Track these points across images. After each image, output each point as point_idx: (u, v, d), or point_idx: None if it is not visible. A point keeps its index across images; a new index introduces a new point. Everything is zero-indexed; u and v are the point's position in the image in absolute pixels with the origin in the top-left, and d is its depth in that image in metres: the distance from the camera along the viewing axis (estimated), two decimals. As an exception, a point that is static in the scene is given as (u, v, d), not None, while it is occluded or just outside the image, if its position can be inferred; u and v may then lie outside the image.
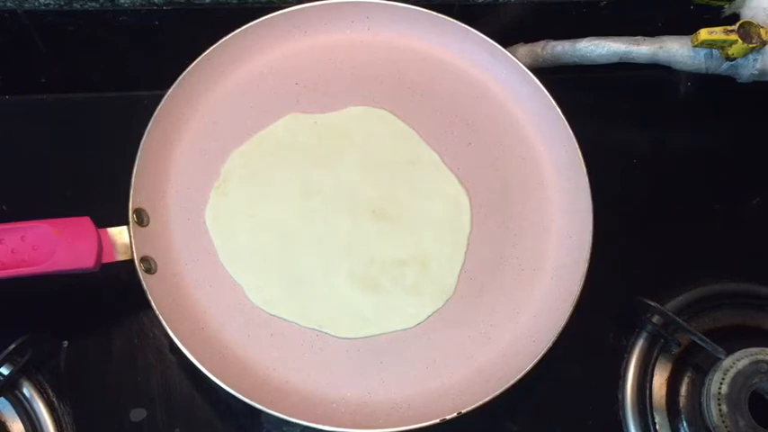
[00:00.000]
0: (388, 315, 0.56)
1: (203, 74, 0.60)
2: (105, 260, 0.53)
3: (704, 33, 0.62)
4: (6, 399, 0.54)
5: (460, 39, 0.64)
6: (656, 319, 0.60)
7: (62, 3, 0.65)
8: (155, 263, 0.55)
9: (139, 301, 0.52)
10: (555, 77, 0.63)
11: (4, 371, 0.54)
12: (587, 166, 0.59)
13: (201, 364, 0.51)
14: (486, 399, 0.52)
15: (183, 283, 0.56)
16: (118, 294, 0.57)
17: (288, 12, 0.62)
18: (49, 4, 0.65)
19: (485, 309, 0.58)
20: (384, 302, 0.57)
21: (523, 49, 0.67)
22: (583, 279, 0.56)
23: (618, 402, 0.60)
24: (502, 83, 0.64)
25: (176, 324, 0.53)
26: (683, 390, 0.59)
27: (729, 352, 0.57)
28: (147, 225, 0.56)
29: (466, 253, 0.59)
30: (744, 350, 0.56)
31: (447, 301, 0.57)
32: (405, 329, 0.56)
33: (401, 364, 0.55)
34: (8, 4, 0.64)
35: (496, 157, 0.62)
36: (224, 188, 0.59)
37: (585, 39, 0.65)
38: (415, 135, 0.62)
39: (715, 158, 0.69)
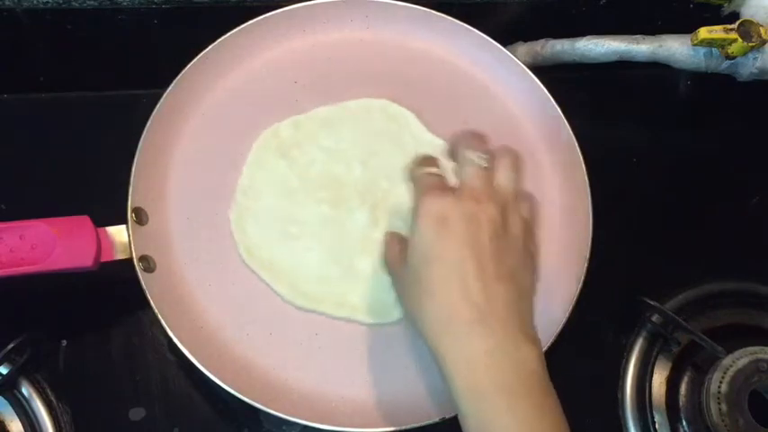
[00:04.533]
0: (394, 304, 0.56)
1: (202, 72, 0.60)
2: (104, 259, 0.53)
3: (704, 32, 0.62)
4: (5, 398, 0.54)
5: (460, 38, 0.64)
6: (655, 318, 0.60)
7: (60, 1, 0.65)
8: (154, 262, 0.55)
9: (138, 300, 0.52)
10: (555, 76, 0.63)
11: (3, 370, 0.54)
12: (587, 165, 0.59)
13: (200, 363, 0.51)
14: (486, 398, 0.52)
15: (182, 283, 0.56)
16: (117, 293, 0.57)
17: (287, 10, 0.62)
18: (48, 2, 0.65)
19: (484, 308, 0.58)
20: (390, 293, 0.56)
21: (523, 47, 0.67)
22: (582, 278, 0.56)
23: (618, 402, 0.60)
24: (502, 82, 0.64)
25: (175, 323, 0.53)
26: (683, 389, 0.60)
27: (729, 351, 0.57)
28: (146, 224, 0.56)
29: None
30: (743, 349, 0.56)
31: None
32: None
33: (400, 364, 0.55)
34: (6, 2, 0.64)
35: (496, 157, 0.62)
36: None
37: (585, 37, 0.65)
38: (414, 120, 0.61)
39: (715, 157, 0.69)
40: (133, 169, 0.55)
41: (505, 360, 0.43)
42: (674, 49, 0.64)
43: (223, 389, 0.51)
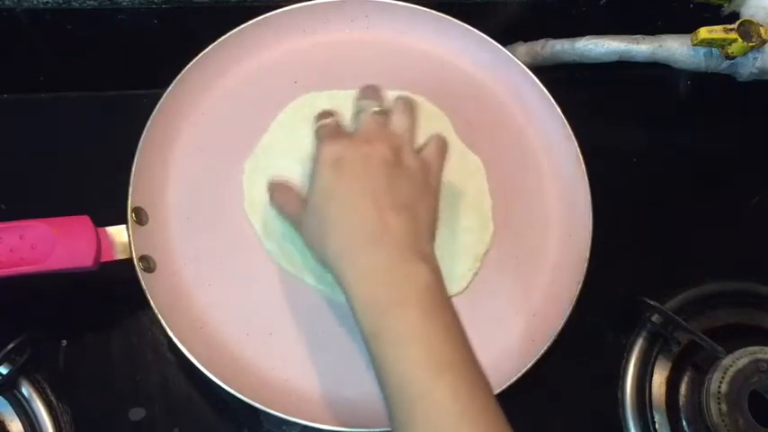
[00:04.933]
0: None
1: (202, 72, 0.60)
2: (104, 259, 0.53)
3: (704, 32, 0.62)
4: (5, 398, 0.54)
5: (460, 38, 0.64)
6: (655, 318, 0.60)
7: (60, 1, 0.65)
8: (154, 262, 0.55)
9: (138, 300, 0.52)
10: (554, 76, 0.63)
11: (3, 370, 0.54)
12: (587, 165, 0.60)
13: (200, 363, 0.51)
14: (486, 398, 0.52)
15: (182, 282, 0.56)
16: (117, 293, 0.57)
17: (287, 10, 0.62)
18: (48, 2, 0.65)
19: (484, 308, 0.58)
20: None
21: (523, 47, 0.67)
22: (582, 279, 0.56)
23: (618, 402, 0.60)
24: (502, 82, 0.64)
25: (175, 323, 0.53)
26: (683, 389, 0.60)
27: (729, 351, 0.57)
28: (146, 224, 0.56)
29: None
30: (743, 349, 0.56)
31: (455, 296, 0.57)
32: None
33: (401, 364, 0.55)
34: (6, 2, 0.64)
35: (496, 157, 0.62)
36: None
37: (585, 37, 0.65)
38: (448, 124, 0.62)
39: (715, 158, 0.69)
40: (133, 169, 0.55)
41: (399, 275, 0.46)
42: (674, 49, 0.64)
43: (223, 389, 0.51)
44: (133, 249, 0.54)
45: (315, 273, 0.57)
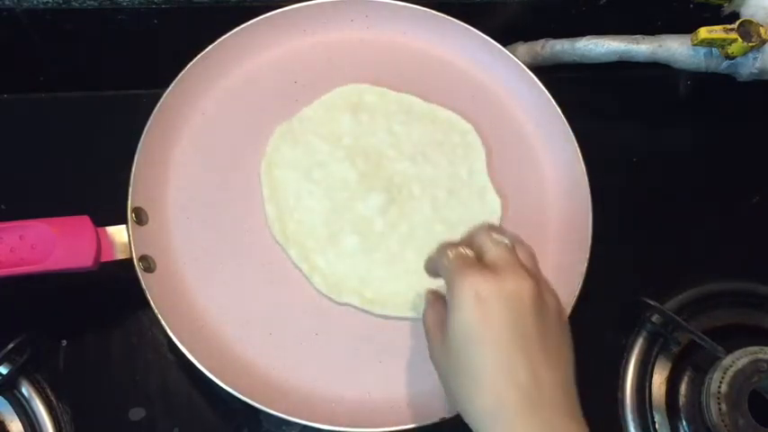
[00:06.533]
0: (413, 300, 0.56)
1: (202, 72, 0.60)
2: (104, 259, 0.53)
3: (704, 32, 0.62)
4: (5, 398, 0.54)
5: (460, 38, 0.64)
6: (655, 318, 0.60)
7: (60, 1, 0.65)
8: (154, 262, 0.55)
9: (138, 300, 0.52)
10: (554, 76, 0.63)
11: (3, 370, 0.54)
12: (587, 165, 0.60)
13: (200, 363, 0.51)
14: (486, 398, 0.52)
15: (182, 282, 0.56)
16: (117, 293, 0.57)
17: (287, 10, 0.62)
18: (48, 2, 0.65)
19: (484, 308, 0.58)
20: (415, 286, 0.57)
21: (523, 47, 0.67)
22: (582, 279, 0.56)
23: (618, 402, 0.60)
24: (502, 82, 0.64)
25: (175, 323, 0.53)
26: (683, 389, 0.60)
27: (729, 351, 0.57)
28: (146, 224, 0.56)
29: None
30: (743, 349, 0.56)
31: None
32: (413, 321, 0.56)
33: (400, 364, 0.55)
34: (6, 2, 0.64)
35: (495, 157, 0.62)
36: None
37: (585, 37, 0.65)
38: (482, 157, 0.61)
39: (715, 157, 0.69)
40: (133, 169, 0.55)
41: None
42: (674, 49, 0.64)
43: (223, 389, 0.51)
44: (133, 249, 0.54)
45: (323, 273, 0.57)
